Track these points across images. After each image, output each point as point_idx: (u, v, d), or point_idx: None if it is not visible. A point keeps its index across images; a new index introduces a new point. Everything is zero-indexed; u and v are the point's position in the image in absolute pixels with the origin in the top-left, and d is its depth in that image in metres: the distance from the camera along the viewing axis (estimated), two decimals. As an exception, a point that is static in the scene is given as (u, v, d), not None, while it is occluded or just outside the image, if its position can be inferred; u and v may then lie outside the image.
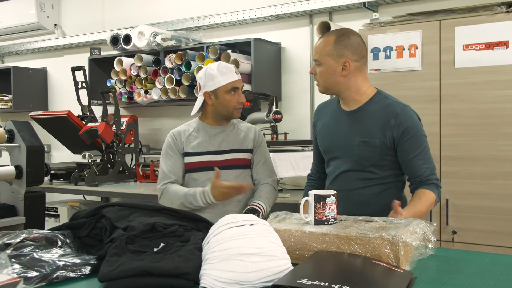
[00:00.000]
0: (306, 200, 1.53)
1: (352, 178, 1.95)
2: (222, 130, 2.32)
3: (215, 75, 2.21)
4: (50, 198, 4.23)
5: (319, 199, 1.47)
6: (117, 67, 4.14)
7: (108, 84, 4.25)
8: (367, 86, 1.95)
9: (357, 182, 1.94)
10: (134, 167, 4.05)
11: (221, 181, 2.08)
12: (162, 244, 1.36)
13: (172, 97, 3.84)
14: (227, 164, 2.26)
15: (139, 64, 4.01)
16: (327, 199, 1.47)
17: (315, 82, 2.02)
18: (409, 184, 1.94)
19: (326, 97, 3.65)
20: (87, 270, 1.31)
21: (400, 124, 1.85)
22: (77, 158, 4.12)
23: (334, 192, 1.50)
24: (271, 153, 2.84)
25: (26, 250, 1.35)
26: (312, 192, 1.50)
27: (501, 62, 2.57)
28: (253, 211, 2.15)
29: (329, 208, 1.47)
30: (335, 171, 2.01)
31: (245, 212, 2.11)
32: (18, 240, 1.40)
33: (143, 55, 4.00)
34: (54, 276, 1.25)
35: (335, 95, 2.01)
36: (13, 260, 1.26)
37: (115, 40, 4.14)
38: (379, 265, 1.25)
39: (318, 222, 1.47)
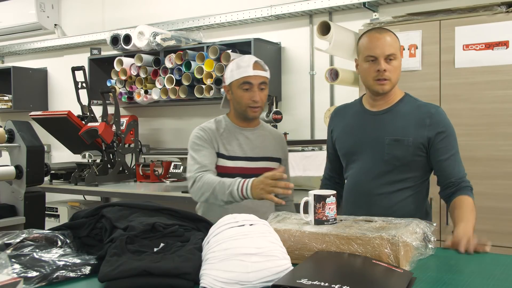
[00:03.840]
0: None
1: (376, 182, 1.89)
2: (252, 132, 2.20)
3: (232, 68, 2.11)
4: (50, 198, 4.22)
5: (319, 199, 1.47)
6: (117, 67, 4.14)
7: (108, 84, 4.25)
8: (396, 87, 1.94)
9: (382, 187, 1.89)
10: (134, 167, 4.06)
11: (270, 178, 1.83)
12: (162, 244, 1.36)
13: (172, 97, 3.84)
14: (259, 172, 1.98)
15: (139, 64, 4.01)
16: (327, 199, 1.47)
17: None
18: (441, 188, 1.89)
19: (324, 98, 3.70)
20: (87, 270, 1.31)
21: (435, 123, 1.85)
22: (77, 158, 4.12)
23: (334, 192, 1.50)
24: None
25: (26, 250, 1.34)
26: (312, 192, 1.50)
27: (501, 62, 2.57)
28: None
29: (329, 208, 1.47)
30: (355, 174, 1.96)
31: None
32: (18, 240, 1.40)
33: (143, 55, 3.99)
34: (54, 276, 1.25)
35: (385, 93, 1.89)
36: (13, 260, 1.26)
37: (115, 40, 4.14)
38: (379, 265, 1.25)
39: (318, 222, 1.47)
